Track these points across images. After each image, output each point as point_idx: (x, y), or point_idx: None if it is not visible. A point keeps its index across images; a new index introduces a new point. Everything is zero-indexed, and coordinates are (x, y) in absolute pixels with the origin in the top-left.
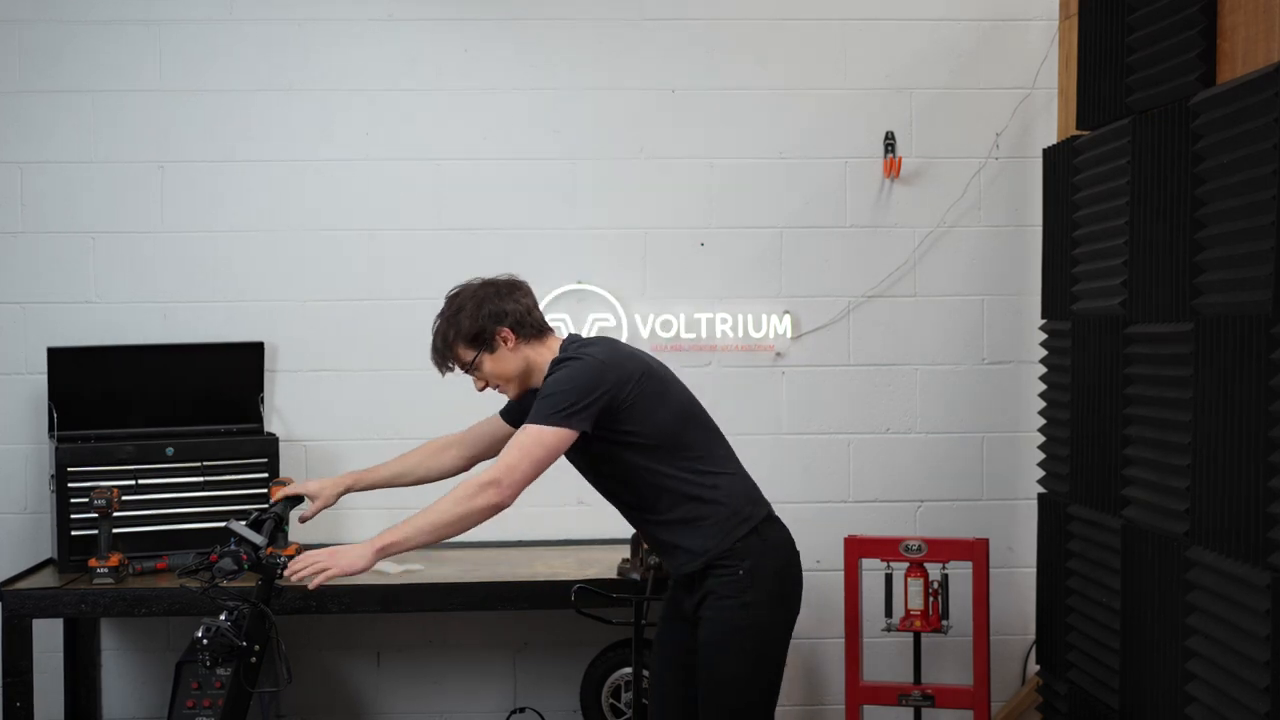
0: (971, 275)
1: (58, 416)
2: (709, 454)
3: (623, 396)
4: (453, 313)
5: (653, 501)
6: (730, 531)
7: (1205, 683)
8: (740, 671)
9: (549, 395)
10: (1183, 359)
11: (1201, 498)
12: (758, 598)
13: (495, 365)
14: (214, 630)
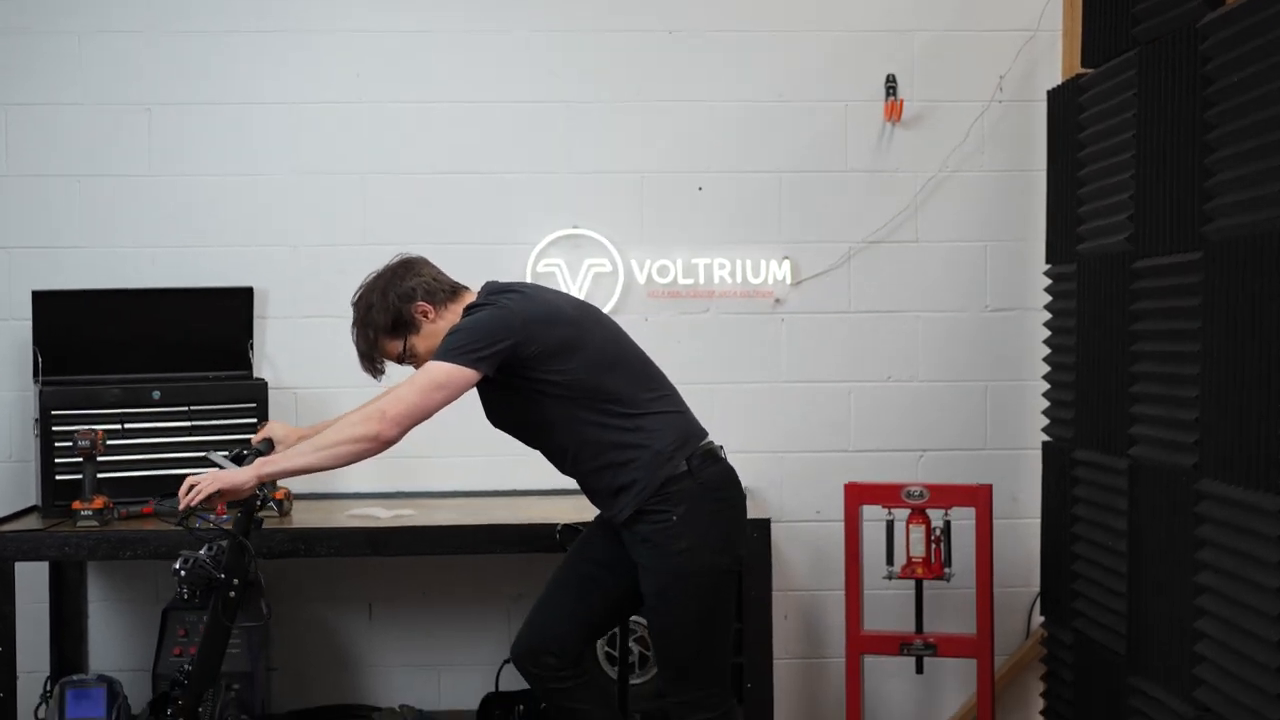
0: (974, 221)
1: (42, 361)
2: (631, 398)
3: (531, 345)
4: (364, 313)
5: (575, 450)
6: (656, 472)
7: (1215, 618)
8: (684, 620)
9: (450, 335)
10: (1191, 289)
11: (1211, 428)
12: (694, 543)
13: (426, 342)
14: (191, 562)
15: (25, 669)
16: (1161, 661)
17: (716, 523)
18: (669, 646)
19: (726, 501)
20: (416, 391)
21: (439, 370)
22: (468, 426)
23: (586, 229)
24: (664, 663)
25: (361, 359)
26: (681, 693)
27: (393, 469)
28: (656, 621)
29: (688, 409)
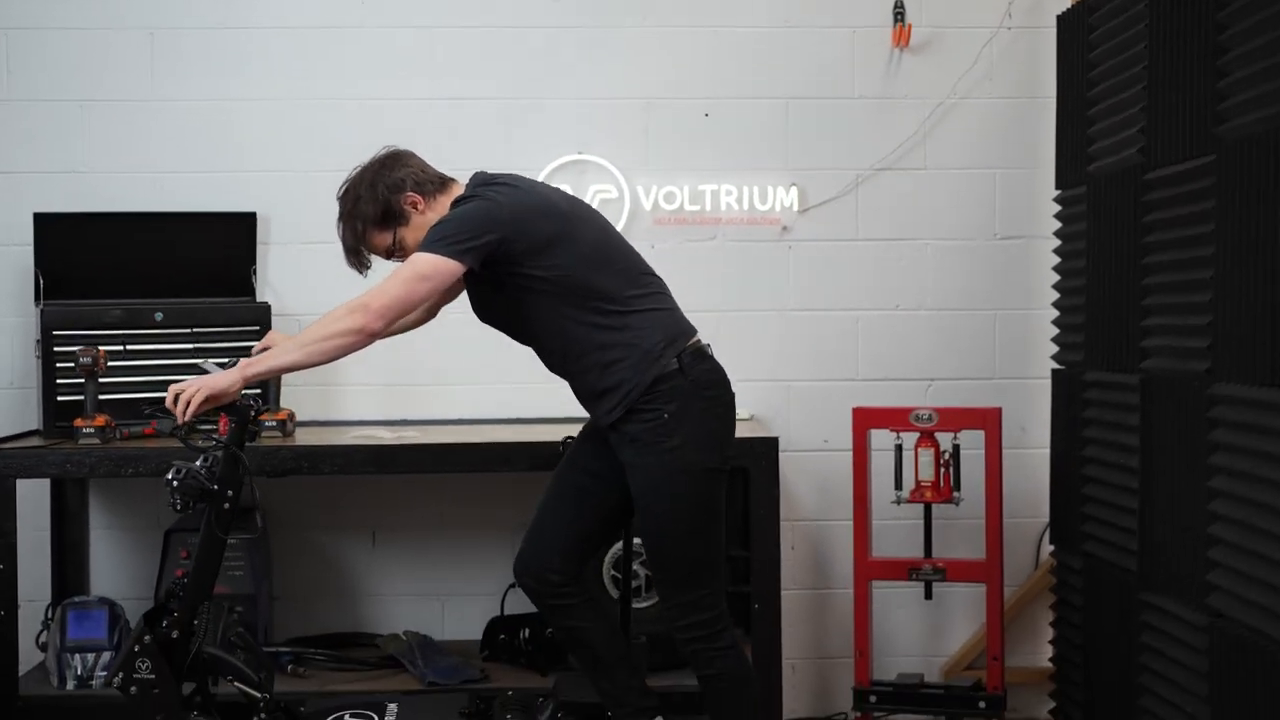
0: (983, 148)
1: (44, 284)
2: (620, 295)
3: (519, 240)
4: (351, 206)
5: (563, 349)
6: (645, 372)
7: (1229, 521)
8: (675, 519)
9: (436, 226)
10: (1204, 193)
11: (1224, 330)
12: (684, 440)
13: (416, 235)
14: (184, 472)
15: (27, 597)
16: (1174, 574)
17: (706, 420)
18: (661, 547)
19: (716, 399)
20: (401, 283)
21: (424, 261)
22: (473, 353)
23: (592, 155)
24: (657, 565)
25: (347, 254)
26: (676, 595)
27: (398, 396)
28: (647, 522)
29: (676, 306)
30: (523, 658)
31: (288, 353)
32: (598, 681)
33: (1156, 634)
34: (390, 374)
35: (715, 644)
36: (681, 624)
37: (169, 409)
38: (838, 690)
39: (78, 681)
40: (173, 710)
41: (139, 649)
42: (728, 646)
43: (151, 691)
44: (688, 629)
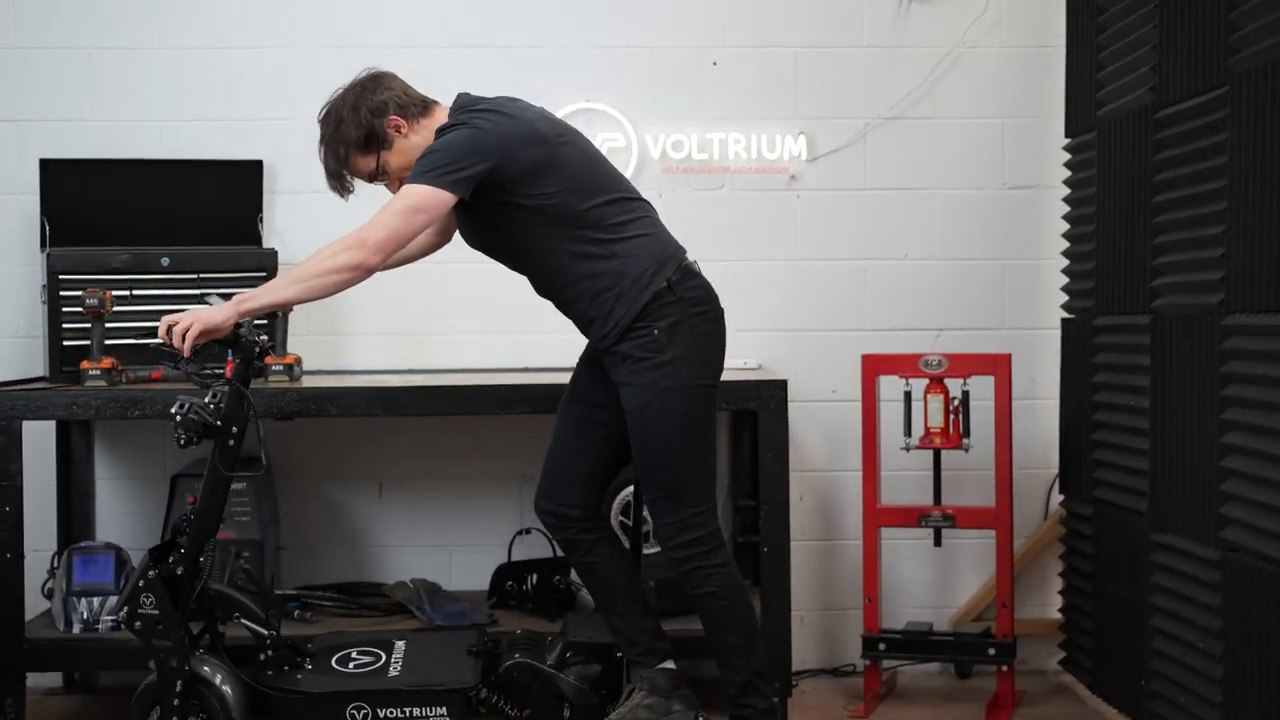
0: (992, 97)
1: (50, 232)
2: (608, 222)
3: (509, 167)
4: (334, 130)
5: (551, 277)
6: (636, 298)
7: (1243, 452)
8: (669, 434)
9: (425, 156)
10: (1217, 125)
11: (1237, 260)
12: (676, 355)
13: (400, 158)
14: (188, 407)
15: (32, 547)
16: (1186, 512)
17: (696, 336)
18: (652, 464)
19: (707, 316)
20: (395, 216)
21: (417, 193)
22: (481, 303)
23: (599, 104)
24: (649, 483)
25: (330, 178)
26: (669, 514)
27: (405, 345)
28: (639, 439)
29: (664, 229)
30: (530, 603)
31: (283, 288)
32: (612, 620)
33: (1168, 574)
34: (398, 324)
35: (710, 561)
36: (675, 543)
37: (163, 340)
38: (847, 641)
39: (84, 625)
40: (176, 645)
41: (143, 584)
42: (722, 564)
43: (155, 627)
44: (682, 548)
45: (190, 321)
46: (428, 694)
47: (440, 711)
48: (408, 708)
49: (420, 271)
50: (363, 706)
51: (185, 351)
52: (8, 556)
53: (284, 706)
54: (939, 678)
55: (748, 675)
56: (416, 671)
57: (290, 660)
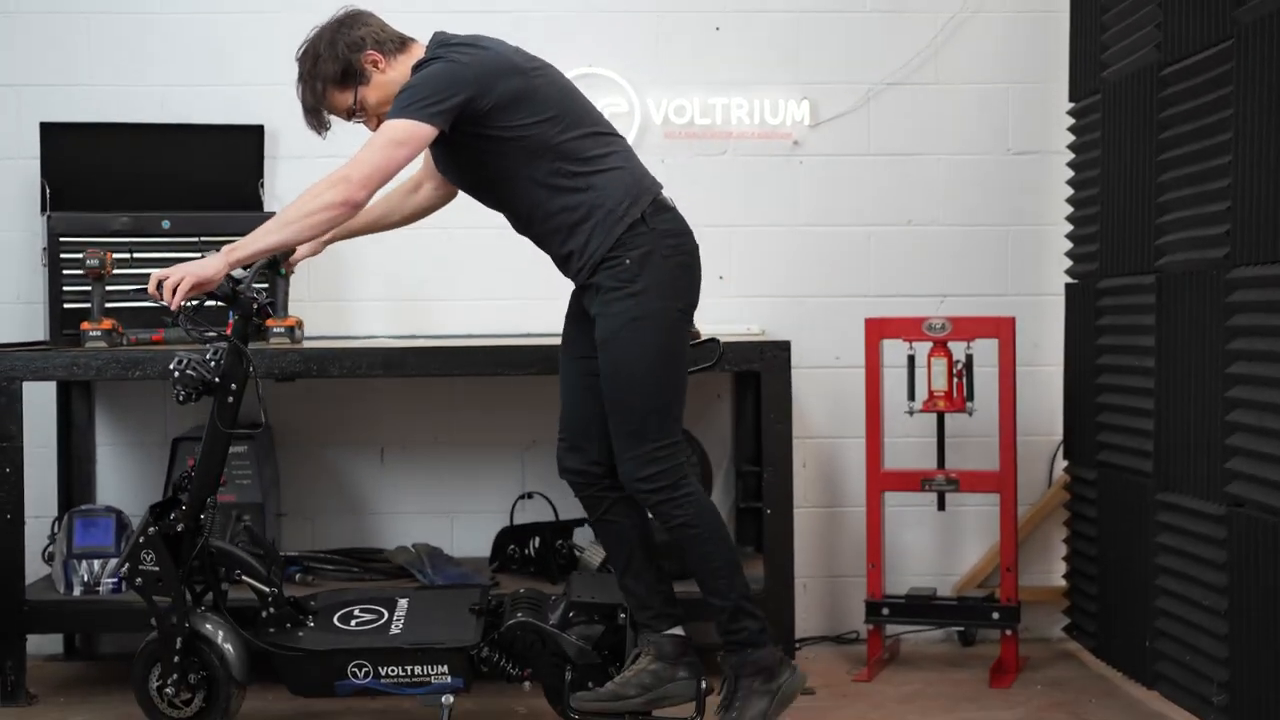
0: (996, 62)
1: (50, 196)
2: (582, 154)
3: (485, 99)
4: (310, 65)
5: (528, 212)
6: (611, 230)
7: (1250, 405)
8: (638, 364)
9: (404, 91)
10: (1223, 79)
11: (1243, 213)
12: (648, 285)
13: (377, 94)
14: (186, 363)
15: (33, 513)
16: (1191, 470)
17: (668, 266)
18: (619, 394)
19: (679, 247)
20: (377, 151)
21: (398, 127)
22: (483, 269)
23: (602, 68)
24: (615, 414)
25: (307, 115)
26: (634, 446)
27: (407, 311)
28: (607, 368)
29: (639, 162)
30: (532, 567)
31: (271, 233)
32: (626, 581)
33: (1173, 533)
34: (400, 289)
35: (676, 493)
36: (640, 476)
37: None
38: (850, 609)
39: (84, 588)
40: (176, 602)
41: (144, 541)
42: (689, 493)
43: (156, 583)
44: (647, 480)
45: (180, 276)
46: (429, 652)
47: (442, 670)
48: (409, 666)
49: (424, 237)
50: (364, 664)
51: (172, 305)
52: (8, 517)
53: (285, 664)
54: (942, 645)
55: (735, 600)
56: (419, 630)
57: (292, 618)
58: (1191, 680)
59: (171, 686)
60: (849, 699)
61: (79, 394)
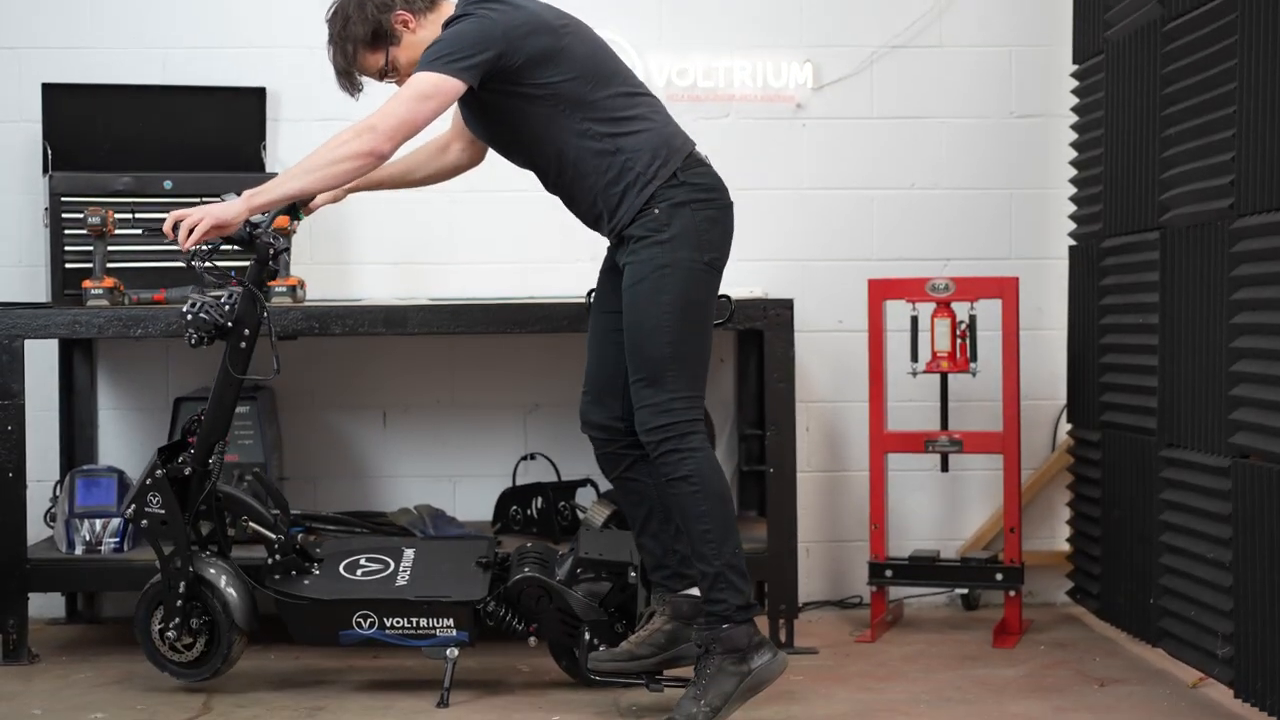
0: (999, 25)
1: (52, 157)
2: (612, 112)
3: (515, 55)
4: (341, 27)
5: (562, 168)
6: (642, 191)
7: (1253, 355)
8: (661, 311)
9: (433, 46)
10: (1228, 29)
11: (1247, 162)
12: (676, 234)
13: (408, 54)
14: (199, 306)
15: (34, 477)
16: (1195, 424)
17: (699, 220)
18: (638, 343)
19: (709, 202)
20: (404, 103)
21: (425, 80)
22: (488, 232)
23: (606, 30)
24: (633, 363)
25: (339, 77)
26: (648, 395)
27: (411, 274)
28: (629, 315)
29: (671, 119)
30: (535, 528)
31: (294, 179)
32: (643, 540)
33: (1177, 488)
34: (404, 252)
35: (683, 445)
36: (649, 427)
37: (167, 235)
38: (853, 574)
39: (86, 547)
40: (181, 546)
41: (151, 483)
42: (696, 448)
43: (161, 526)
44: (656, 430)
45: (200, 216)
46: (436, 605)
47: (447, 623)
48: (415, 618)
49: (426, 201)
50: (369, 615)
51: (185, 246)
52: (10, 475)
53: (289, 611)
54: (946, 610)
55: (719, 567)
56: (425, 582)
57: (298, 566)
58: (1195, 635)
59: (173, 630)
60: (852, 658)
61: (81, 357)
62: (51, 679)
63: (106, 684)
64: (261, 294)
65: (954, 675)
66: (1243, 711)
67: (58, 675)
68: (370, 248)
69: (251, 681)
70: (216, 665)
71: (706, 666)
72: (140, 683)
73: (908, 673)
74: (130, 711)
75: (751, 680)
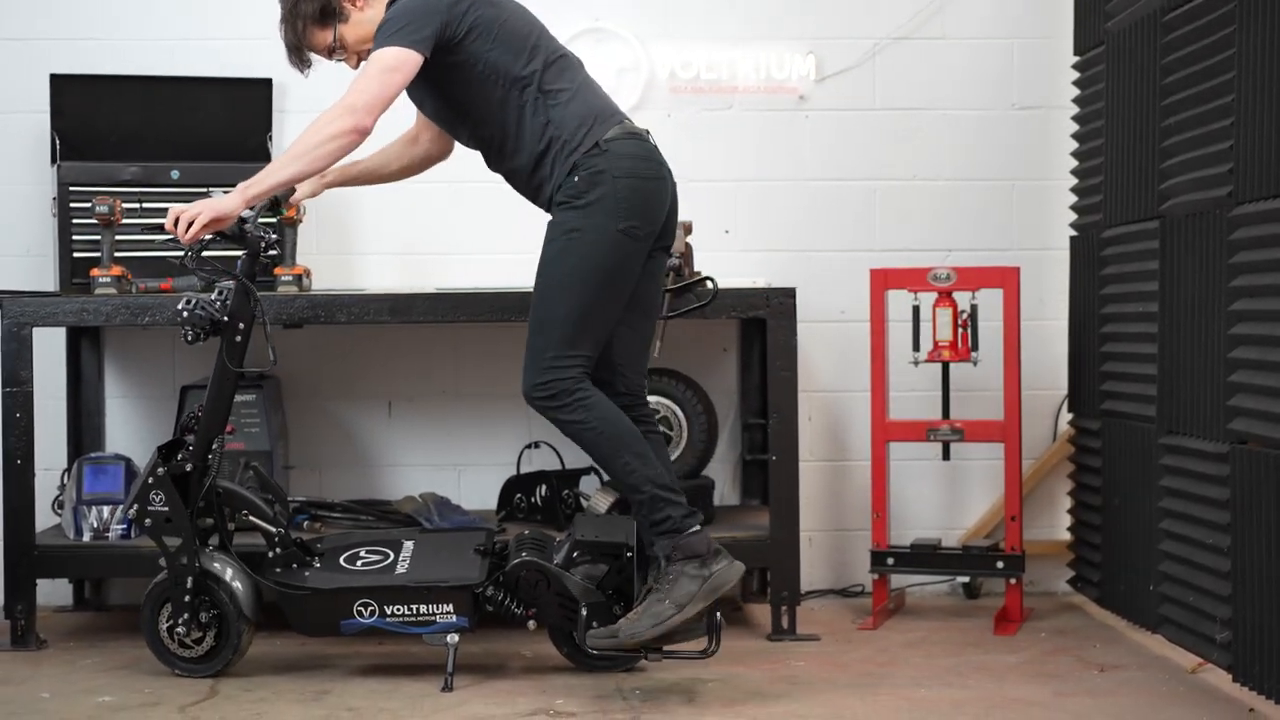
0: (1001, 17)
1: (60, 148)
2: (542, 85)
3: (456, 25)
4: (291, 5)
5: (503, 140)
6: (568, 159)
7: (1251, 342)
8: (559, 273)
9: (385, 23)
10: (1227, 18)
11: (1246, 150)
12: (592, 200)
13: (356, 31)
14: (195, 303)
15: (42, 465)
16: (1194, 411)
17: (620, 185)
18: (536, 301)
19: (634, 171)
20: (374, 79)
21: (388, 55)
22: (490, 223)
23: (609, 22)
24: (532, 322)
25: (289, 52)
26: (536, 350)
27: (414, 265)
28: (537, 276)
29: (601, 93)
30: (539, 515)
31: (285, 166)
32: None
33: (1177, 475)
34: (406, 243)
35: (569, 399)
36: (532, 384)
37: (169, 232)
38: (855, 563)
39: (94, 533)
40: (186, 542)
41: (153, 481)
42: (583, 397)
43: (165, 523)
44: (537, 389)
45: (200, 209)
46: (435, 591)
47: (447, 609)
48: (414, 604)
49: (430, 191)
50: (370, 603)
51: (185, 240)
52: (18, 462)
53: (291, 603)
54: (947, 598)
55: (651, 490)
56: (424, 569)
57: (298, 559)
58: (1195, 620)
59: (183, 626)
60: (854, 645)
61: (88, 345)
62: (59, 664)
63: (114, 669)
64: (254, 287)
65: (955, 662)
66: (1241, 695)
67: (65, 660)
68: (374, 238)
69: (258, 666)
70: (228, 657)
71: (668, 573)
72: (147, 667)
73: (909, 659)
74: (138, 695)
75: (714, 581)
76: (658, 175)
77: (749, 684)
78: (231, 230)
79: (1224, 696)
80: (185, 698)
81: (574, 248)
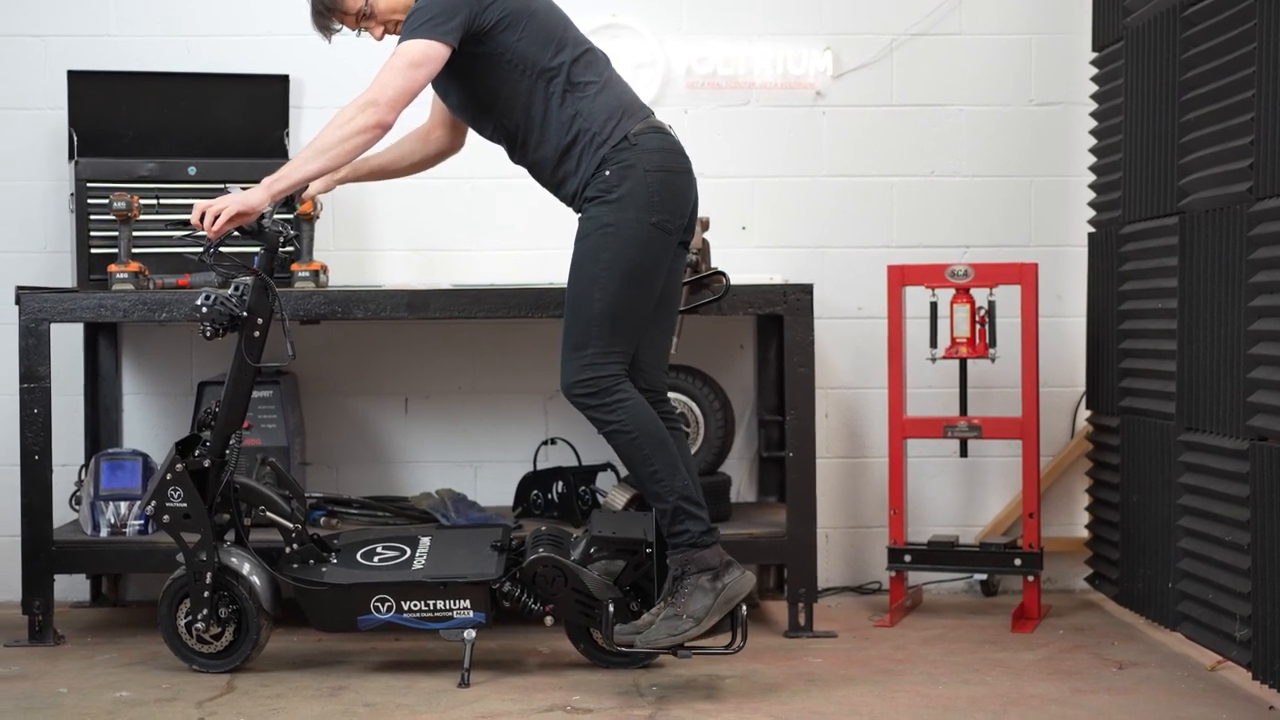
0: (1019, 12)
1: (77, 144)
2: (569, 78)
3: (485, 15)
4: None
5: (526, 134)
6: (596, 152)
7: (1271, 338)
8: (595, 269)
9: (413, 13)
10: (1247, 13)
11: (1266, 144)
12: (624, 194)
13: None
14: (214, 299)
15: (60, 462)
16: (1214, 407)
17: (650, 179)
18: (572, 298)
19: (663, 164)
20: (399, 73)
21: (414, 48)
22: (506, 219)
23: (626, 17)
24: (567, 319)
25: (316, 18)
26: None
27: (431, 261)
28: (571, 271)
29: (627, 88)
30: (556, 512)
31: (309, 161)
32: None
33: (1196, 472)
34: (425, 239)
35: (608, 398)
36: (572, 381)
37: (195, 227)
38: (872, 560)
39: (111, 529)
40: (205, 538)
41: (171, 478)
42: (622, 399)
43: (183, 519)
44: (577, 386)
45: (226, 203)
46: (451, 586)
47: (464, 604)
48: (431, 600)
49: (447, 187)
50: (387, 599)
51: (212, 235)
52: (36, 458)
53: (308, 599)
54: (965, 596)
55: (675, 501)
56: (441, 565)
57: (315, 554)
58: (1214, 618)
59: (202, 622)
60: (871, 642)
61: (105, 342)
62: (77, 659)
63: (131, 664)
64: (272, 282)
65: (972, 659)
66: (1260, 693)
67: (83, 656)
68: (391, 234)
69: (275, 662)
70: (246, 652)
71: (683, 586)
72: (164, 662)
73: (926, 656)
74: (155, 690)
75: (727, 593)
76: (685, 168)
77: (766, 680)
78: (250, 226)
79: (1244, 694)
80: (202, 693)
81: (608, 242)
